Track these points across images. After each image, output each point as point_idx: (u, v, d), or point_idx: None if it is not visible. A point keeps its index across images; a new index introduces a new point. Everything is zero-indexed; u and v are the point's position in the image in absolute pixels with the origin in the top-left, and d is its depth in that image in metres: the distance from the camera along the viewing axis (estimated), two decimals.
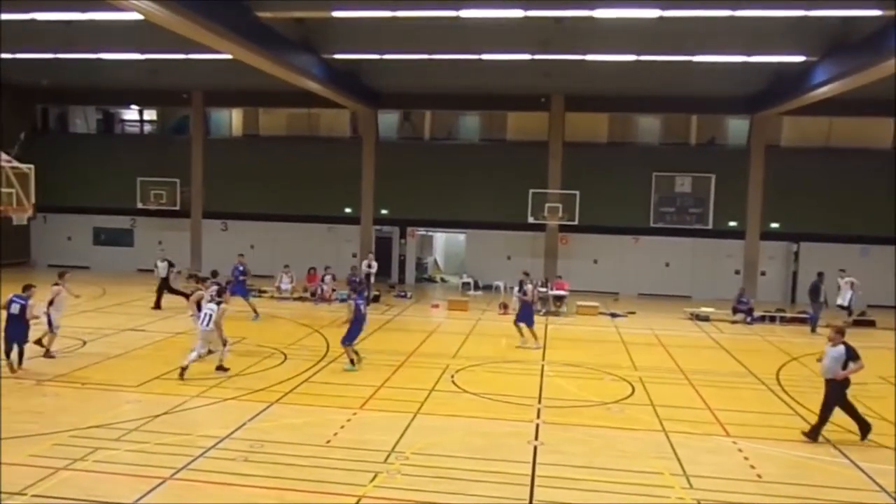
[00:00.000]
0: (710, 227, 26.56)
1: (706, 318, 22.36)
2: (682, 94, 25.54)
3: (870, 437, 10.52)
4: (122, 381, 12.82)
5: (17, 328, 13.07)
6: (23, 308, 13.00)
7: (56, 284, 14.42)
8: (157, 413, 10.99)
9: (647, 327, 20.71)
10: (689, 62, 20.51)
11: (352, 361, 14.22)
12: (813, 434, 10.56)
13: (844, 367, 10.40)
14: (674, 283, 27.42)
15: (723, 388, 13.81)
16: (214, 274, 18.14)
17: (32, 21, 17.88)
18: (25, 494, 7.86)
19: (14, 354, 13.06)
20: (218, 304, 13.63)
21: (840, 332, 10.79)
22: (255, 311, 19.94)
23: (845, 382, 10.52)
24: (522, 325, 17.11)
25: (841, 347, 10.49)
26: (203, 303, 14.25)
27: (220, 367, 13.45)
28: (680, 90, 24.99)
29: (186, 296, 15.93)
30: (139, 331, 15.84)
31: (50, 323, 14.21)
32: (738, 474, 9.16)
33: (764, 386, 14.13)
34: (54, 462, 8.82)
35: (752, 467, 9.42)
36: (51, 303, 14.16)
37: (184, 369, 12.93)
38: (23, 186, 14.74)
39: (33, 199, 15.11)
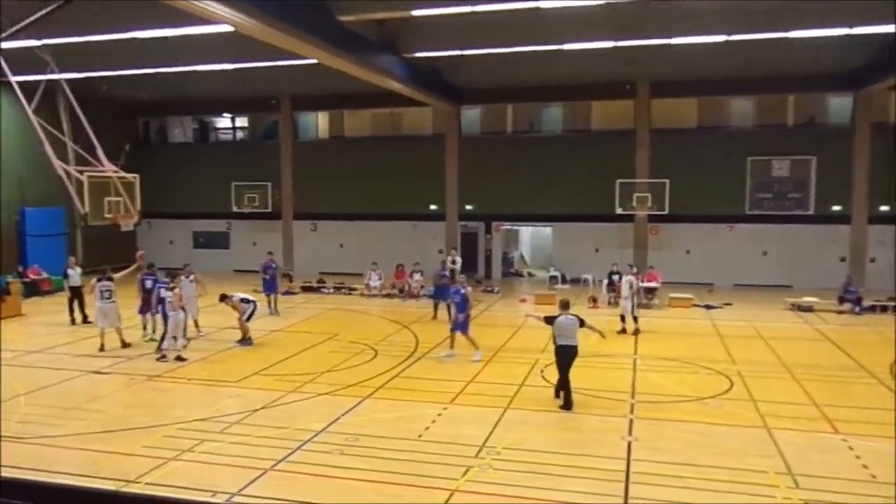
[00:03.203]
0: (811, 212, 25.21)
1: (809, 309, 21.25)
2: (778, 73, 24.31)
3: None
4: (224, 377, 13.41)
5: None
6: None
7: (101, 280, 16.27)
8: (256, 407, 11.44)
9: (744, 319, 19.90)
10: (785, 39, 19.48)
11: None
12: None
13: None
14: (772, 272, 26.21)
15: (830, 383, 13.11)
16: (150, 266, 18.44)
17: (133, 39, 18.90)
18: (140, 483, 8.35)
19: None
20: (171, 289, 15.29)
21: (563, 305, 12.14)
22: (275, 308, 20.72)
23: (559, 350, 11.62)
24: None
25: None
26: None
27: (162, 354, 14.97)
28: (775, 69, 23.78)
29: None
30: (237, 329, 16.51)
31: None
32: (850, 474, 8.66)
33: (876, 380, 13.31)
34: (165, 453, 9.33)
35: (865, 467, 8.89)
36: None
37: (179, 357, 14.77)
38: (129, 195, 15.59)
39: (139, 206, 15.97)
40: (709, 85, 25.66)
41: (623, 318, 17.83)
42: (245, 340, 16.20)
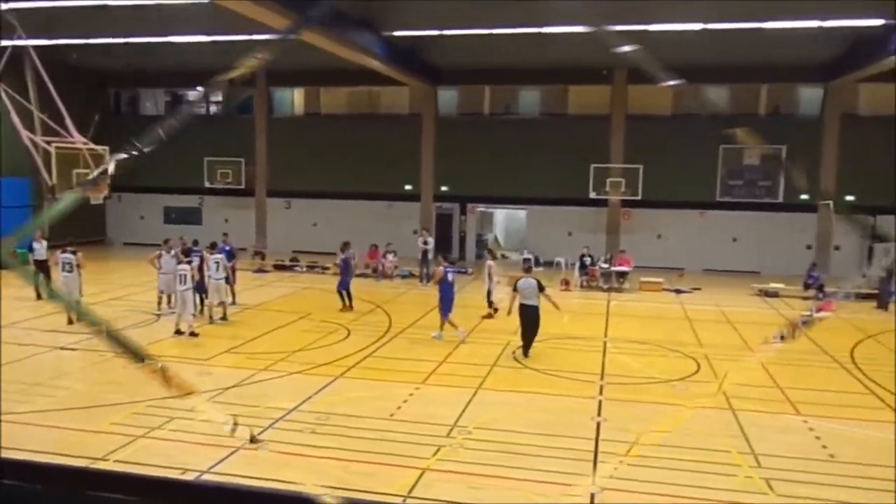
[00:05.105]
0: (780, 200, 25.62)
1: (775, 294, 21.69)
2: (752, 63, 24.55)
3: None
4: (195, 355, 13.31)
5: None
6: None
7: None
8: (227, 385, 11.38)
9: (713, 304, 20.25)
10: (760, 29, 19.69)
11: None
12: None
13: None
14: (741, 258, 26.66)
15: (793, 366, 13.41)
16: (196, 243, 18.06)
17: (105, 7, 18.46)
18: (108, 460, 8.29)
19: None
20: (189, 263, 15.17)
21: (525, 269, 14.46)
22: (233, 297, 17.83)
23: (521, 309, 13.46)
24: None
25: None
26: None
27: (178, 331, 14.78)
28: (749, 59, 24.03)
29: None
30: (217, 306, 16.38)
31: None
32: (810, 454, 8.92)
33: (837, 364, 13.67)
34: (134, 430, 9.26)
35: (825, 447, 9.16)
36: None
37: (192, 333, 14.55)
38: (98, 167, 15.36)
39: (108, 180, 15.73)
40: (685, 73, 25.43)
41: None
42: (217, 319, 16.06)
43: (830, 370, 13.30)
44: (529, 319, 13.41)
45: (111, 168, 11.74)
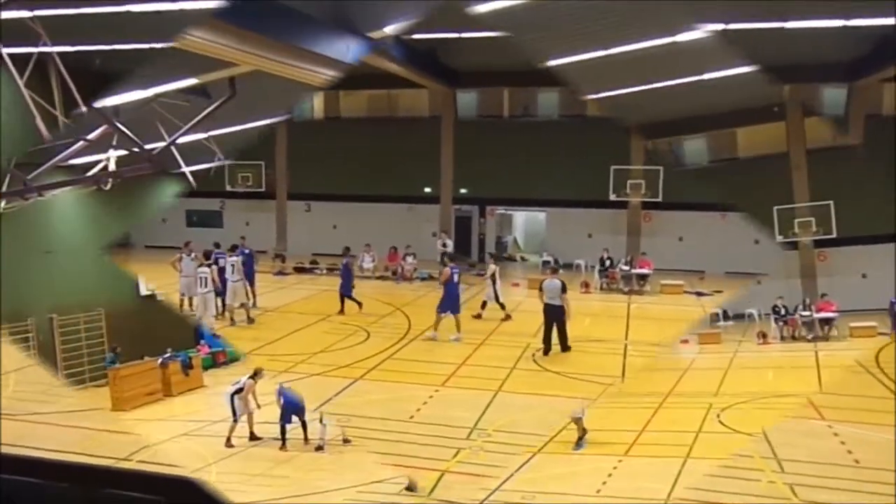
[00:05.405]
0: None
1: None
2: (774, 63, 24.20)
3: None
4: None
5: None
6: None
7: None
8: None
9: None
10: (782, 29, 19.44)
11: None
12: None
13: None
14: (764, 260, 26.29)
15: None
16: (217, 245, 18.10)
17: (127, 12, 18.65)
18: (132, 460, 8.39)
19: None
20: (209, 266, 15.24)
21: (552, 270, 15.83)
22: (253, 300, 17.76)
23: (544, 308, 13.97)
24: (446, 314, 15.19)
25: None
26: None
27: None
28: (771, 59, 23.69)
29: None
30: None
31: None
32: (834, 459, 8.81)
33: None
34: (155, 431, 9.36)
35: (849, 452, 9.03)
36: None
37: None
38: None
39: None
40: None
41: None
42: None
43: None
44: (552, 318, 13.78)
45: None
